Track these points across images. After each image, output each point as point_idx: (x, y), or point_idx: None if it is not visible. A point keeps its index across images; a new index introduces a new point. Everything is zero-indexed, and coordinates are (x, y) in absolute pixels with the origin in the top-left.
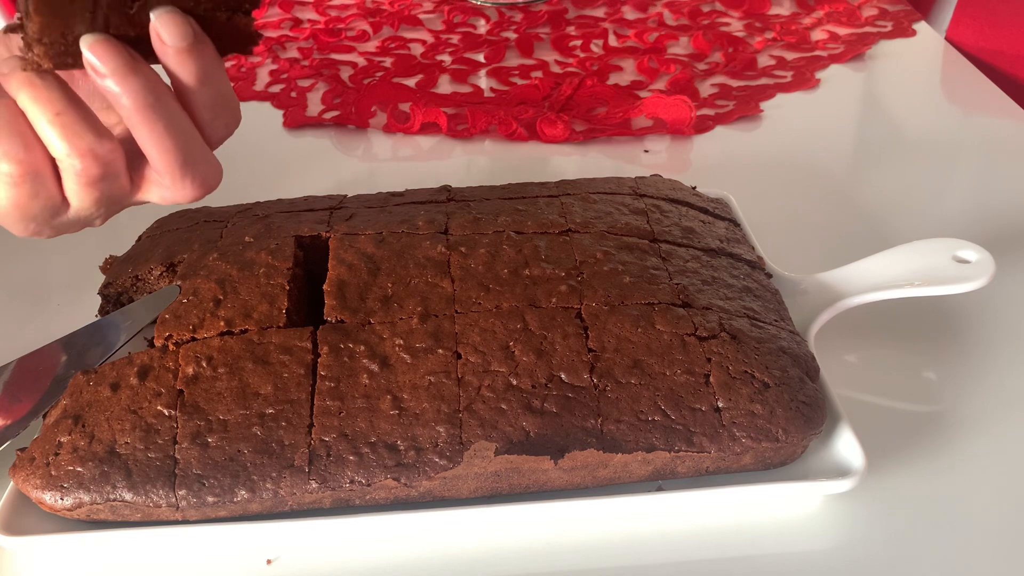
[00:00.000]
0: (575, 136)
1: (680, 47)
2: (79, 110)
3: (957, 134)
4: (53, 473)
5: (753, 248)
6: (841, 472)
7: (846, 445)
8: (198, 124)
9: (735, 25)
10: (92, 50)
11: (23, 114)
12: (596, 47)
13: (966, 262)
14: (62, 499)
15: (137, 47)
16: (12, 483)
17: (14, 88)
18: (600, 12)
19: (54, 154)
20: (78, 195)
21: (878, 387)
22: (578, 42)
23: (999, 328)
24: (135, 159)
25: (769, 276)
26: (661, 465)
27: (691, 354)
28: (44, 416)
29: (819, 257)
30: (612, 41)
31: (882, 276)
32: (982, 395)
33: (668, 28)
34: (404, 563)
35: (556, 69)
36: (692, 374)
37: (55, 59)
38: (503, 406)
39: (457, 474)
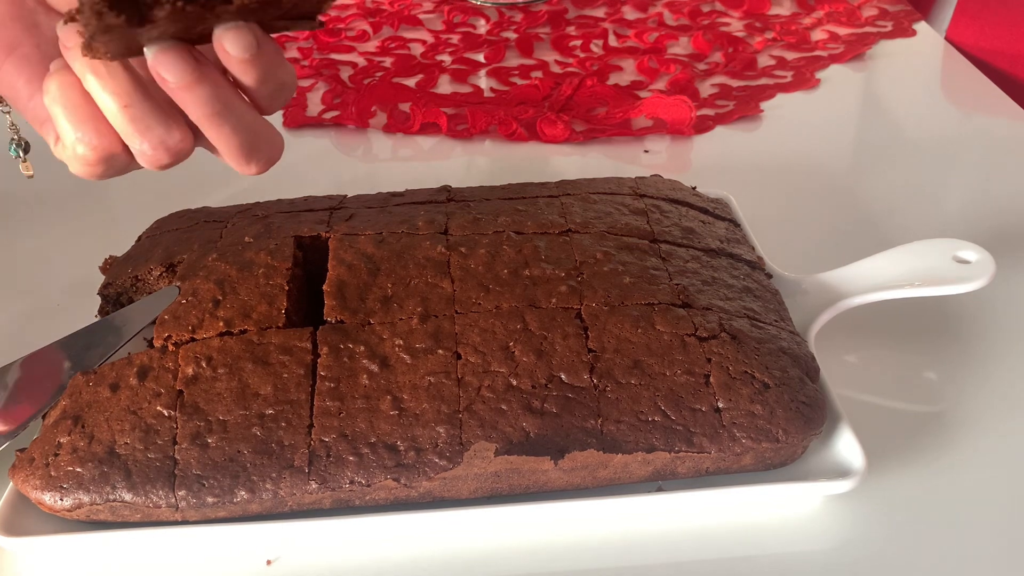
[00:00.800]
0: (575, 136)
1: (680, 47)
2: (147, 100)
3: (957, 134)
4: (52, 474)
5: (753, 248)
6: (841, 472)
7: (846, 445)
8: (259, 108)
9: (735, 25)
10: (157, 62)
11: (91, 97)
12: (596, 47)
13: (966, 262)
14: (61, 500)
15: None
16: (11, 484)
17: (79, 69)
18: (600, 12)
19: (124, 140)
20: (149, 165)
21: (878, 387)
22: (578, 42)
23: (999, 328)
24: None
25: (769, 276)
26: (661, 466)
27: (691, 354)
28: (43, 417)
29: (819, 257)
30: (612, 41)
31: (882, 276)
32: (982, 395)
33: (668, 28)
34: (404, 564)
35: (556, 69)
36: (692, 374)
37: (117, 55)
38: (503, 406)
39: (457, 475)
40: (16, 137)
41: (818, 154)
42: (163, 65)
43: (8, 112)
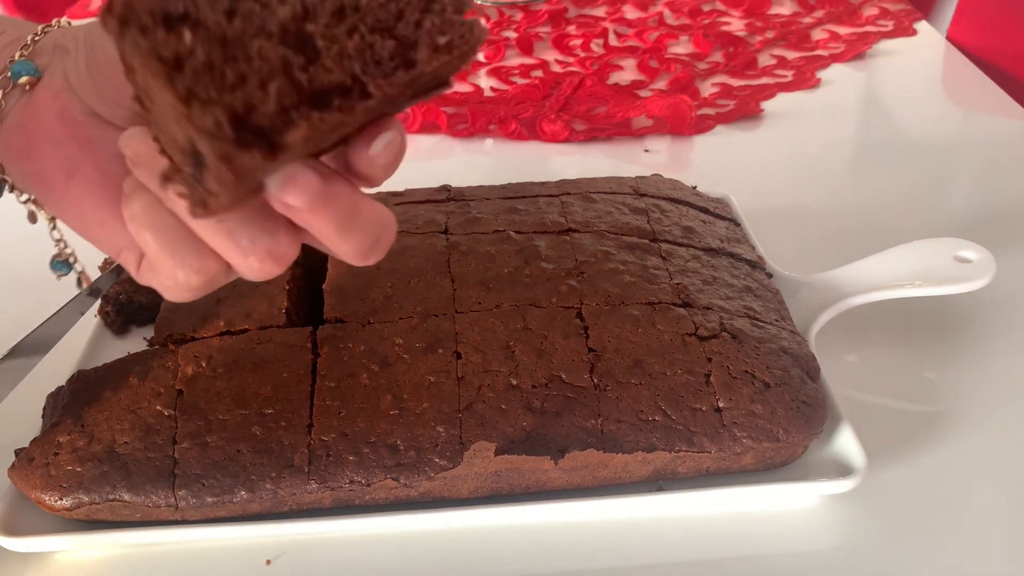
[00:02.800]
0: (575, 136)
1: (680, 46)
2: (247, 211)
3: (958, 133)
4: (52, 473)
5: (754, 248)
6: (842, 472)
7: (847, 445)
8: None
9: (736, 24)
10: (284, 193)
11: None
12: (596, 46)
13: (967, 262)
14: (61, 499)
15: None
16: (11, 484)
17: (156, 188)
18: (600, 11)
19: (225, 257)
20: (256, 277)
21: (879, 387)
22: (578, 41)
23: (1000, 328)
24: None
25: (770, 276)
26: (661, 465)
27: (692, 354)
28: (43, 416)
29: (820, 257)
30: (612, 40)
31: (883, 276)
32: (983, 395)
33: (668, 27)
34: (404, 564)
35: (556, 68)
36: (693, 374)
37: (235, 203)
38: (503, 406)
39: (457, 474)
40: (64, 253)
41: (819, 153)
42: (292, 194)
43: (54, 226)
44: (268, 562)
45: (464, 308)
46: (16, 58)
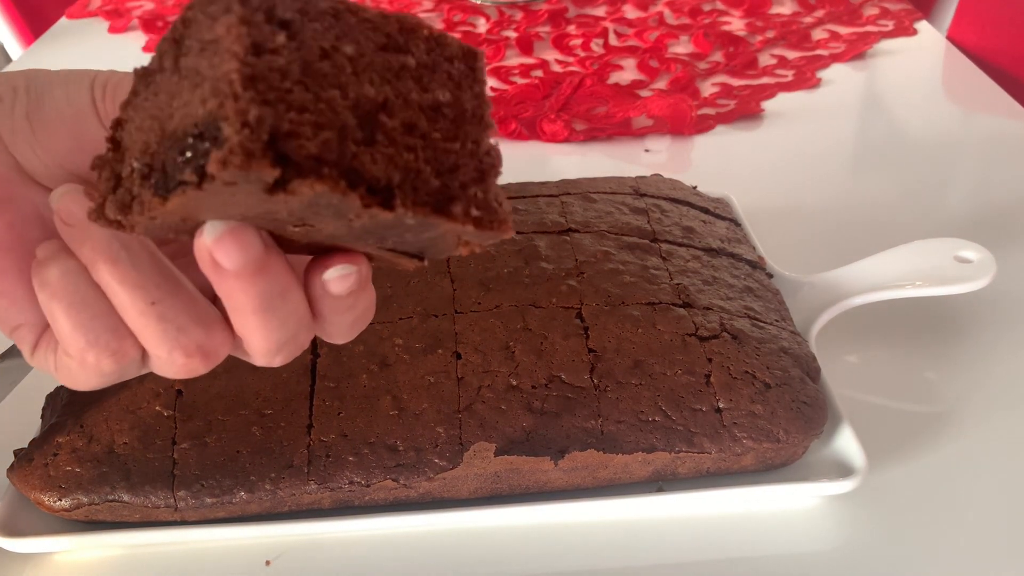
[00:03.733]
0: (575, 135)
1: (681, 46)
2: (180, 294)
3: (958, 133)
4: (52, 474)
5: (754, 248)
6: (842, 473)
7: (847, 445)
8: (331, 331)
9: (736, 24)
10: (220, 243)
11: (100, 290)
12: (596, 46)
13: (967, 262)
14: (60, 500)
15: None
16: (10, 484)
17: (88, 254)
18: (600, 11)
19: (146, 348)
20: (176, 374)
21: (879, 387)
22: (578, 41)
23: (1000, 328)
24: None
25: (770, 276)
26: (662, 466)
27: (692, 354)
28: (42, 416)
29: (820, 257)
30: (612, 40)
31: (883, 276)
32: (983, 395)
33: (669, 27)
34: (403, 564)
35: (556, 68)
36: (693, 374)
37: (151, 233)
38: (503, 406)
39: (456, 475)
40: None
41: (819, 153)
42: (227, 249)
43: None
44: (267, 563)
45: (464, 308)
46: None
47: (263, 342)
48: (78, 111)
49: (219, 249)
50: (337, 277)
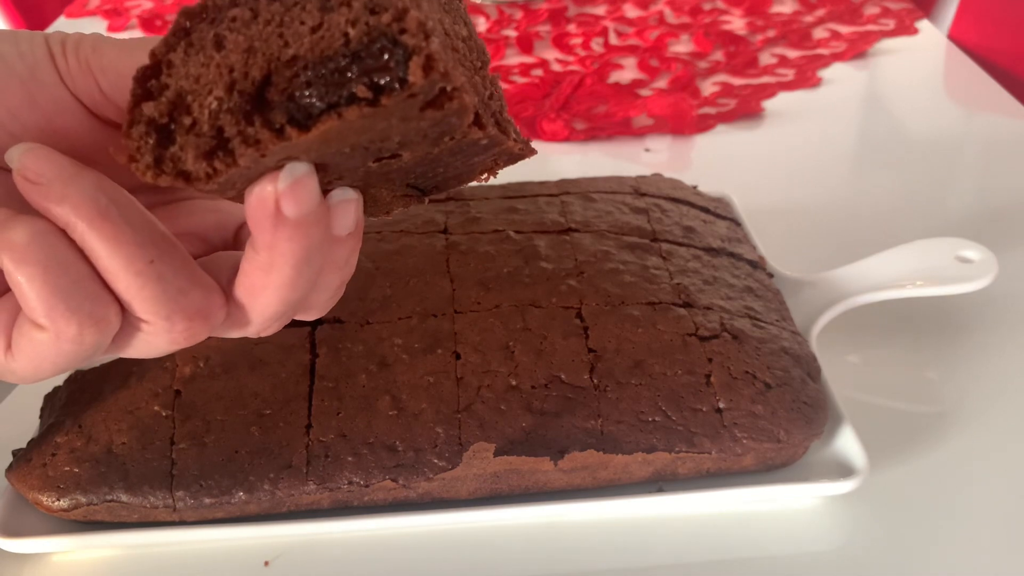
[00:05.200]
0: (575, 135)
1: (681, 45)
2: (176, 253)
3: (959, 132)
4: (50, 474)
5: (754, 247)
6: (843, 473)
7: (848, 446)
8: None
9: (736, 23)
10: (295, 189)
11: (78, 251)
12: (597, 45)
13: (969, 261)
14: (59, 500)
15: None
16: (8, 484)
17: (64, 213)
18: (601, 10)
19: (137, 315)
20: (173, 344)
21: (880, 387)
22: (578, 40)
23: (1002, 328)
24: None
25: (770, 276)
26: (662, 466)
27: (692, 354)
28: (40, 416)
29: (821, 257)
30: (613, 39)
31: (884, 276)
32: (984, 395)
33: (669, 26)
34: (403, 565)
35: (556, 67)
36: (693, 374)
37: (223, 188)
38: (502, 406)
39: (456, 475)
40: None
41: (820, 153)
42: (299, 195)
43: None
44: (266, 563)
45: (463, 308)
46: None
47: (278, 303)
48: (31, 65)
49: (292, 195)
50: (339, 203)
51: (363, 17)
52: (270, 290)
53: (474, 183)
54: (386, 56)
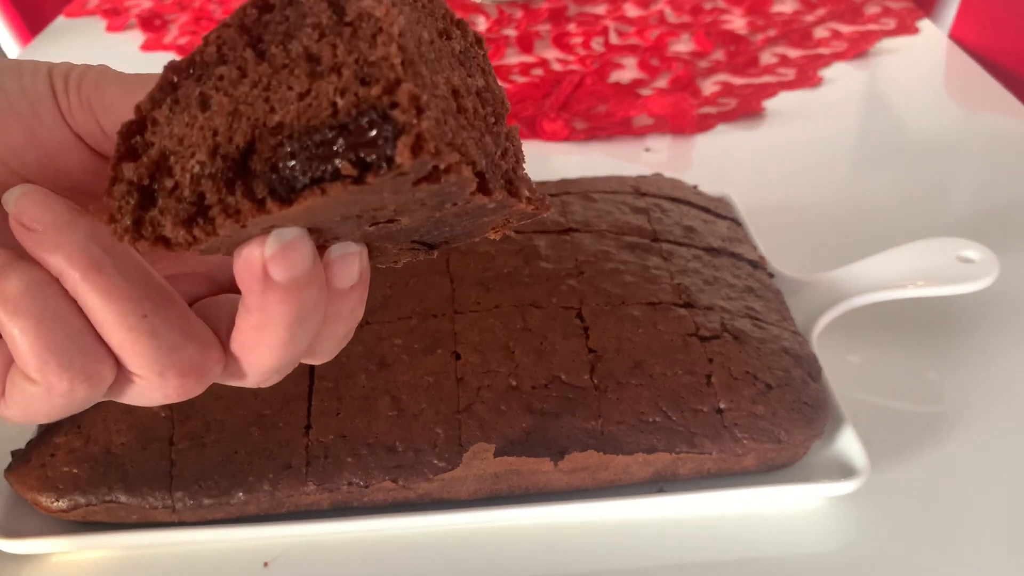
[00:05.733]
0: (576, 135)
1: (682, 45)
2: (171, 306)
3: (960, 132)
4: (49, 475)
5: (755, 247)
6: (844, 473)
7: (849, 446)
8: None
9: (737, 23)
10: (282, 254)
11: (72, 304)
12: (597, 45)
13: (970, 261)
14: (58, 501)
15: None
16: (7, 485)
17: (57, 263)
18: (601, 9)
19: (131, 369)
20: (166, 399)
21: (881, 388)
22: (579, 39)
23: (1003, 328)
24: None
25: (771, 276)
26: (662, 467)
27: (693, 354)
28: None
29: (821, 257)
30: (613, 39)
31: (885, 276)
32: (986, 396)
33: (669, 26)
34: (402, 566)
35: (557, 67)
36: (694, 375)
37: (207, 252)
38: (502, 407)
39: (456, 476)
40: None
41: (821, 152)
42: (288, 260)
43: None
44: (266, 564)
45: (463, 308)
46: None
47: (274, 360)
48: (34, 102)
49: (280, 260)
50: (340, 257)
51: (352, 87)
52: (263, 348)
53: None
54: (374, 132)
